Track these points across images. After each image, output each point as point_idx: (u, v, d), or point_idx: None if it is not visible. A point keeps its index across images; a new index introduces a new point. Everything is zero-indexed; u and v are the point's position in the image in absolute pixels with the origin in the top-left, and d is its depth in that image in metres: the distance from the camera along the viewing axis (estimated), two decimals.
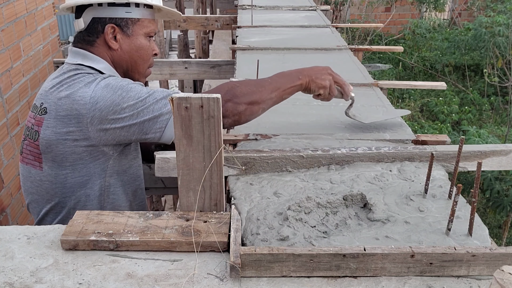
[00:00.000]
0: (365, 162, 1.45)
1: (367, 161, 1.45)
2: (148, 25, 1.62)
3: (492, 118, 7.37)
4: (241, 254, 1.03)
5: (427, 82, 2.51)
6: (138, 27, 1.60)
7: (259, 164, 1.42)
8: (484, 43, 7.18)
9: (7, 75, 2.79)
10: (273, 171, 1.43)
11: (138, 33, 1.60)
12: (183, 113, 1.14)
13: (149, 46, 1.63)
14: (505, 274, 0.78)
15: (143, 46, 1.62)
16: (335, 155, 1.44)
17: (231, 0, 6.73)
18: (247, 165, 1.42)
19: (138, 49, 1.61)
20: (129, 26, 1.58)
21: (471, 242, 1.12)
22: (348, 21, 9.84)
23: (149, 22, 1.62)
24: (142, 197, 1.71)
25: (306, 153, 1.43)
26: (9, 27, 2.86)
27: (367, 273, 1.04)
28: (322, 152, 1.44)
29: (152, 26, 1.64)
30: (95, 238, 1.13)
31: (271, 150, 1.44)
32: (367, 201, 1.24)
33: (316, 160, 1.44)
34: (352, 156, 1.44)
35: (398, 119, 1.84)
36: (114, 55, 1.60)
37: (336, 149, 1.46)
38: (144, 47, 1.62)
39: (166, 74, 2.92)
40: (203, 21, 4.11)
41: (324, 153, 1.44)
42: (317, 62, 2.53)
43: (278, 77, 1.58)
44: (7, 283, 1.03)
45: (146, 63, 1.65)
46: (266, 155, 1.42)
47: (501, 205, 3.84)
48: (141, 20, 1.60)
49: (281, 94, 1.56)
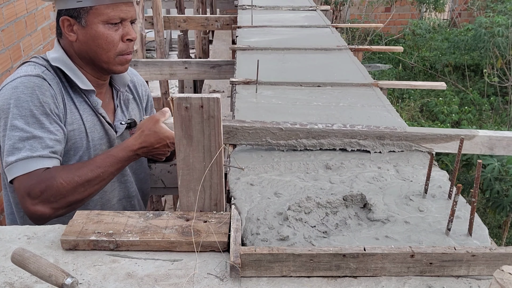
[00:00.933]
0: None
1: (341, 137, 1.51)
2: (106, 12, 1.51)
3: (492, 118, 7.37)
4: (241, 254, 1.03)
5: (427, 82, 2.51)
6: (92, 15, 1.51)
7: (241, 134, 1.48)
8: (484, 43, 7.19)
9: (7, 75, 2.79)
10: (253, 141, 1.50)
11: (93, 22, 1.51)
12: (183, 113, 1.14)
13: (109, 34, 1.52)
14: (505, 274, 0.78)
15: (100, 35, 1.52)
16: (312, 130, 1.51)
17: (231, 0, 6.72)
18: (230, 134, 1.48)
19: (95, 39, 1.52)
20: (82, 17, 1.51)
21: (471, 242, 1.12)
22: (348, 21, 9.84)
23: (106, 8, 1.51)
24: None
25: (285, 126, 1.50)
26: (9, 27, 2.87)
27: (367, 273, 1.04)
28: (300, 126, 1.51)
29: (112, 12, 1.51)
30: (95, 238, 1.13)
31: (253, 121, 1.51)
32: (367, 201, 1.24)
33: (294, 133, 1.50)
34: (328, 132, 1.51)
35: (398, 119, 1.84)
36: (74, 46, 1.56)
37: (313, 124, 1.53)
38: (101, 36, 1.52)
39: (166, 74, 2.92)
40: (203, 21, 4.11)
41: (302, 127, 1.51)
42: (317, 62, 2.54)
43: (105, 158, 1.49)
44: (7, 283, 1.03)
45: (109, 51, 1.55)
46: (247, 126, 1.48)
47: (501, 205, 3.84)
48: (94, 8, 1.50)
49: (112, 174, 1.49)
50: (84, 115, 1.57)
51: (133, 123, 1.73)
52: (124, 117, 1.72)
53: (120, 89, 1.73)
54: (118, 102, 1.73)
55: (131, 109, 1.77)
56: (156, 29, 4.09)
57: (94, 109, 1.60)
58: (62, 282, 0.92)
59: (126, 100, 1.75)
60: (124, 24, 1.56)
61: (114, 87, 1.73)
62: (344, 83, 2.21)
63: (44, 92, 1.46)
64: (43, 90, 1.46)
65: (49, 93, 1.47)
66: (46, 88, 1.47)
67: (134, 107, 1.80)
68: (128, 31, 1.56)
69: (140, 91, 1.84)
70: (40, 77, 1.48)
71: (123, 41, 1.56)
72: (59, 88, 1.52)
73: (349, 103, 1.99)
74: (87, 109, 1.59)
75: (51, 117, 1.46)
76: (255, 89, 2.11)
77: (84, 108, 1.58)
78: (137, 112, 1.81)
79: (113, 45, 1.54)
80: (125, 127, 1.70)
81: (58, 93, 1.51)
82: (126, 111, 1.74)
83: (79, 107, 1.57)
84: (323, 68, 2.44)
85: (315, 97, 2.06)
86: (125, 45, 1.57)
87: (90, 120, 1.59)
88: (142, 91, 1.86)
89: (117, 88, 1.73)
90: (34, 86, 1.45)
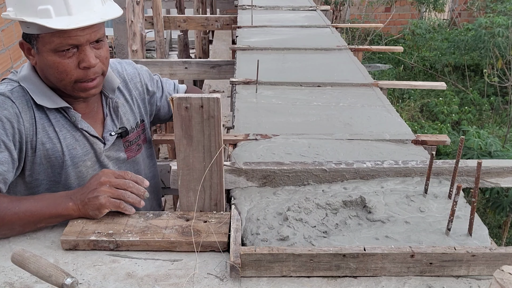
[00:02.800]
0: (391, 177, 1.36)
1: (394, 175, 1.36)
2: (52, 40, 1.35)
3: (492, 118, 7.37)
4: (241, 254, 1.03)
5: (427, 82, 2.52)
6: (41, 43, 1.37)
7: (279, 178, 1.35)
8: (484, 43, 7.18)
9: (7, 75, 2.79)
10: (294, 184, 1.35)
11: (43, 50, 1.38)
12: (183, 113, 1.14)
13: (60, 63, 1.37)
14: (505, 274, 0.78)
15: (51, 65, 1.38)
16: (359, 169, 1.34)
17: (231, 0, 6.72)
18: (267, 179, 1.35)
19: (47, 68, 1.39)
20: (33, 43, 1.39)
21: (471, 242, 1.12)
22: (348, 21, 9.84)
23: (52, 36, 1.35)
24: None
25: (329, 167, 1.35)
26: (9, 27, 2.87)
27: (367, 273, 1.04)
28: (345, 166, 1.35)
29: (58, 40, 1.34)
30: (95, 238, 1.13)
31: (292, 163, 1.36)
32: (366, 203, 1.24)
33: (340, 174, 1.35)
34: (378, 170, 1.35)
35: (398, 119, 1.84)
36: (37, 68, 1.45)
37: (361, 162, 1.37)
38: (52, 65, 1.38)
39: (166, 74, 2.91)
40: (203, 21, 4.11)
41: (348, 167, 1.34)
42: (317, 62, 2.54)
43: (39, 200, 1.25)
44: (7, 283, 1.03)
45: (63, 80, 1.40)
46: (287, 168, 1.34)
47: (500, 205, 3.84)
48: (40, 36, 1.36)
49: (36, 222, 1.22)
50: (62, 132, 1.47)
51: (124, 132, 1.58)
52: (114, 126, 1.57)
53: (109, 95, 1.57)
54: (108, 110, 1.57)
55: (123, 115, 1.61)
56: (156, 29, 4.09)
57: (74, 123, 1.48)
58: (62, 282, 0.92)
59: (116, 108, 1.59)
60: (81, 49, 1.38)
61: (103, 93, 1.57)
62: (344, 83, 2.21)
63: (2, 111, 1.37)
64: (2, 108, 1.37)
65: (7, 112, 1.37)
66: (6, 106, 1.38)
67: (127, 111, 1.63)
68: (84, 57, 1.38)
69: (132, 87, 1.67)
70: (4, 96, 1.40)
71: (80, 68, 1.39)
72: (27, 106, 1.42)
73: (349, 103, 1.99)
74: (66, 125, 1.48)
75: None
76: (255, 89, 2.11)
77: (62, 125, 1.47)
78: (131, 116, 1.64)
79: (67, 74, 1.39)
80: (115, 137, 1.56)
81: (25, 112, 1.41)
82: (116, 119, 1.59)
83: (55, 124, 1.46)
84: (323, 68, 2.44)
85: (315, 97, 2.06)
86: (83, 73, 1.40)
87: (69, 137, 1.48)
88: (134, 86, 1.68)
89: (106, 94, 1.57)
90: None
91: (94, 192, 1.22)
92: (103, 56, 1.44)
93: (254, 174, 1.34)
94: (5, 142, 1.35)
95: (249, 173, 1.34)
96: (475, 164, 1.32)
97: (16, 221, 1.19)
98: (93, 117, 1.56)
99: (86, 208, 1.22)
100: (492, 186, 1.38)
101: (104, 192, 1.22)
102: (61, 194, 1.27)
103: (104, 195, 1.22)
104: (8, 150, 1.36)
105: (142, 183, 1.28)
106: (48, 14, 1.33)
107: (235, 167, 1.33)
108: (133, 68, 1.72)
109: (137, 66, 1.75)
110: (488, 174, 1.36)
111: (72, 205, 1.22)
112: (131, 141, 1.64)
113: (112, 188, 1.23)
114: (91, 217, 1.22)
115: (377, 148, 1.56)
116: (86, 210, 1.22)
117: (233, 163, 1.35)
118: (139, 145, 1.68)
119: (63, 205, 1.22)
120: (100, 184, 1.23)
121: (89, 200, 1.21)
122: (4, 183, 1.33)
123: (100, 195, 1.21)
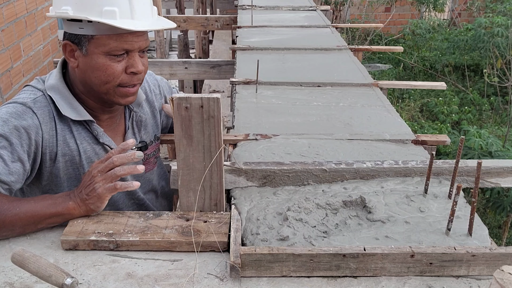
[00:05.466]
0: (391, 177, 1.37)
1: (394, 175, 1.36)
2: (107, 43, 1.37)
3: (492, 118, 7.37)
4: (241, 254, 1.03)
5: (427, 82, 2.52)
6: (93, 45, 1.38)
7: (279, 178, 1.35)
8: (483, 43, 7.19)
9: (7, 75, 2.79)
10: (294, 184, 1.36)
11: (94, 52, 1.38)
12: (183, 113, 1.14)
13: (110, 66, 1.39)
14: (505, 274, 0.78)
15: (99, 67, 1.39)
16: (359, 169, 1.35)
17: (231, 0, 6.72)
18: (267, 179, 1.35)
19: (94, 70, 1.40)
20: (83, 44, 1.39)
21: (471, 242, 1.12)
22: (348, 21, 9.84)
23: (109, 38, 1.37)
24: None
25: (329, 167, 1.35)
26: (9, 27, 2.87)
27: (367, 273, 1.05)
28: (345, 166, 1.35)
29: (114, 43, 1.37)
30: (95, 238, 1.14)
31: (292, 163, 1.36)
32: (366, 203, 1.24)
33: (340, 174, 1.35)
34: (378, 170, 1.36)
35: (398, 119, 1.84)
36: (76, 72, 1.44)
37: (361, 162, 1.37)
38: (101, 67, 1.39)
39: (166, 74, 2.92)
40: (203, 21, 4.11)
41: (348, 167, 1.35)
42: (317, 62, 2.54)
43: (39, 201, 1.25)
44: (7, 283, 1.03)
45: (108, 83, 1.41)
46: (287, 168, 1.34)
47: (501, 205, 3.84)
48: (95, 37, 1.37)
49: (37, 223, 1.22)
50: (83, 145, 1.47)
51: (144, 147, 1.59)
52: (135, 140, 1.51)
53: (133, 109, 1.59)
54: (130, 123, 1.59)
55: (143, 129, 1.63)
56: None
57: (96, 137, 1.49)
58: (62, 282, 0.92)
59: (139, 122, 1.61)
60: (130, 55, 1.41)
61: (127, 106, 1.59)
62: (344, 83, 2.21)
63: (21, 121, 1.36)
64: (21, 119, 1.36)
65: (26, 122, 1.36)
66: (25, 117, 1.37)
67: (147, 124, 1.65)
68: (133, 63, 1.41)
69: (154, 99, 1.69)
70: (26, 106, 1.39)
71: (127, 73, 1.42)
72: (49, 117, 1.42)
73: (349, 103, 1.99)
74: (87, 138, 1.48)
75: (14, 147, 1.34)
76: (255, 89, 2.11)
77: (83, 137, 1.48)
78: (151, 129, 1.66)
79: (113, 77, 1.41)
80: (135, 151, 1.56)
81: (46, 123, 1.41)
82: (138, 133, 1.61)
83: (77, 136, 1.46)
84: (323, 68, 2.45)
85: (315, 97, 2.06)
86: (128, 77, 1.43)
87: (90, 150, 1.49)
88: (155, 98, 1.69)
89: (130, 107, 1.59)
90: (12, 113, 1.36)
91: (89, 186, 1.23)
92: (145, 66, 1.47)
93: (254, 174, 1.34)
94: (19, 153, 1.34)
95: (249, 173, 1.34)
96: (475, 164, 1.33)
97: (17, 222, 1.19)
98: (114, 129, 1.57)
99: (87, 203, 1.23)
100: (492, 186, 1.39)
101: (98, 182, 1.23)
102: (60, 195, 1.28)
103: (99, 184, 1.23)
104: (21, 161, 1.35)
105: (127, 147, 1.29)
106: (113, 15, 1.35)
107: (235, 167, 1.33)
108: (154, 79, 1.75)
109: (158, 77, 1.77)
110: (488, 174, 1.36)
111: (72, 204, 1.23)
112: (149, 154, 1.65)
113: (103, 174, 1.24)
114: (94, 212, 1.24)
115: (377, 148, 1.56)
116: (88, 206, 1.23)
117: (233, 163, 1.35)
118: (157, 157, 1.70)
119: (63, 204, 1.23)
120: (93, 177, 1.24)
121: (87, 195, 1.23)
122: (10, 193, 1.33)
123: (96, 187, 1.22)
